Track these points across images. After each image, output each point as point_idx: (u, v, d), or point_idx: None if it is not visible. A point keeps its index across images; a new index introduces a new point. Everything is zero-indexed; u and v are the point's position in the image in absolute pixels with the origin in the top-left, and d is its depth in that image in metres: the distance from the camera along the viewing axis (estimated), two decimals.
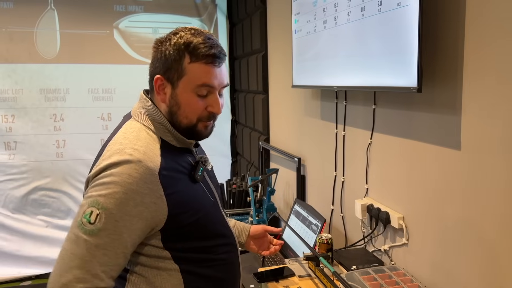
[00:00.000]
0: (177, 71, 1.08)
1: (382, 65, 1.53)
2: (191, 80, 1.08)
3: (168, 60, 1.09)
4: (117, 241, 0.98)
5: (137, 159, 1.00)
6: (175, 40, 1.09)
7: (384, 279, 1.48)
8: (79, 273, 0.94)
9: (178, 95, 1.10)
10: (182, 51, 1.08)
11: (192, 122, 1.12)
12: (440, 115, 1.37)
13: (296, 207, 2.26)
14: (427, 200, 1.47)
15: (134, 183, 0.98)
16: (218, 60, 1.10)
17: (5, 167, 3.75)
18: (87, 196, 1.00)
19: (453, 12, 1.28)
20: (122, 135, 1.08)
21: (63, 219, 3.90)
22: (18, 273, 3.69)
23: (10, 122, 3.75)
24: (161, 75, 1.11)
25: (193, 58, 1.08)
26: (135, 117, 1.15)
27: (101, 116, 3.94)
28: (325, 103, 2.26)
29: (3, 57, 3.69)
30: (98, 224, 0.95)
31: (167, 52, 1.09)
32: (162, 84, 1.11)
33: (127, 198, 0.98)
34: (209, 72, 1.09)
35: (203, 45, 1.08)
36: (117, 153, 1.02)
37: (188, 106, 1.10)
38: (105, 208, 0.96)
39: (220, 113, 1.15)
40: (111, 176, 0.98)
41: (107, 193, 0.97)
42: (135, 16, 3.93)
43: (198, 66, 1.08)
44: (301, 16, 2.26)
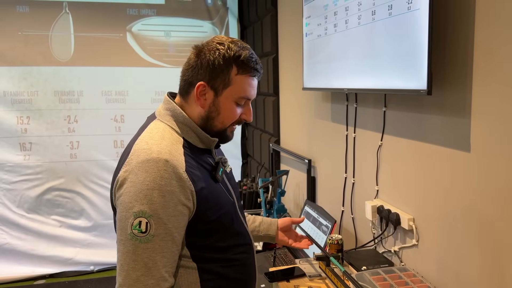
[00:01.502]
0: (223, 80, 1.13)
1: (392, 68, 1.54)
2: (236, 91, 1.14)
3: (215, 69, 1.12)
4: (170, 242, 1.03)
5: (164, 159, 1.04)
6: (223, 51, 1.12)
7: (394, 280, 1.49)
8: (146, 279, 1.00)
9: (220, 102, 1.15)
10: (231, 63, 1.12)
11: (225, 127, 1.19)
12: (450, 117, 1.39)
13: (306, 208, 2.28)
14: (437, 201, 1.48)
15: (167, 184, 1.02)
16: (260, 74, 1.18)
17: (20, 168, 3.83)
18: (125, 206, 1.03)
19: (462, 16, 1.30)
20: (147, 135, 1.12)
21: (76, 219, 3.96)
22: (32, 272, 3.76)
23: (25, 124, 3.83)
24: (205, 82, 1.13)
25: (241, 71, 1.13)
26: (159, 117, 1.18)
27: (114, 118, 4.00)
28: (335, 105, 2.28)
29: (19, 60, 3.77)
30: (151, 231, 1.01)
31: (216, 62, 1.12)
32: (204, 90, 1.14)
33: (166, 200, 1.02)
34: (251, 85, 1.17)
35: (250, 59, 1.14)
36: (144, 152, 1.06)
37: (228, 114, 1.16)
38: (151, 215, 1.00)
39: (251, 121, 1.24)
40: (144, 183, 1.02)
41: (148, 201, 1.01)
42: (148, 20, 3.99)
43: (244, 79, 1.14)
44: (312, 19, 2.29)
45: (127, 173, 1.05)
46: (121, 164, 1.10)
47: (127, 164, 1.06)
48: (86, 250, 3.91)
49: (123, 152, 1.15)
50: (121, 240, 1.04)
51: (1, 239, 3.76)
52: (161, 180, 1.01)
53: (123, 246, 1.03)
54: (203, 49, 1.15)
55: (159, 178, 1.01)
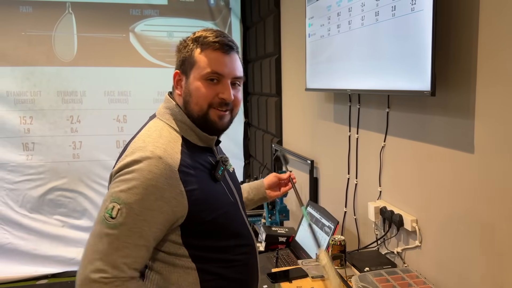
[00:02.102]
0: (189, 62, 1.14)
1: (396, 68, 1.54)
2: (201, 68, 1.13)
3: (182, 55, 1.16)
4: (137, 234, 1.01)
5: (157, 155, 1.04)
6: (191, 37, 1.18)
7: (397, 281, 1.49)
8: (100, 264, 0.98)
9: (189, 84, 1.14)
10: (194, 44, 1.15)
11: (203, 109, 1.14)
12: (453, 118, 1.39)
13: (309, 209, 2.28)
14: (440, 203, 1.48)
15: (154, 178, 1.02)
16: (227, 47, 1.14)
17: (23, 168, 3.83)
18: (109, 192, 1.04)
19: (466, 17, 1.30)
20: (145, 133, 1.13)
21: (79, 219, 3.97)
22: (35, 271, 3.76)
23: (28, 124, 3.84)
24: (178, 70, 1.18)
25: (203, 48, 1.13)
26: (159, 116, 1.19)
27: (117, 118, 4.01)
28: (338, 106, 2.28)
29: (22, 60, 3.78)
30: (119, 219, 1.00)
31: (181, 47, 1.17)
32: (180, 79, 1.17)
33: (147, 193, 1.01)
34: (217, 59, 1.13)
35: (211, 36, 1.14)
36: (139, 150, 1.06)
37: (198, 92, 1.13)
38: (125, 203, 1.00)
39: (231, 100, 1.15)
40: (132, 172, 1.02)
41: (128, 188, 1.01)
42: (151, 20, 3.99)
43: (206, 54, 1.13)
44: (315, 20, 2.29)
45: (121, 168, 1.06)
46: (118, 158, 1.11)
47: (122, 159, 1.07)
48: None
49: (121, 151, 1.15)
50: (95, 222, 1.05)
51: (4, 239, 3.77)
52: (149, 174, 1.01)
53: (94, 227, 1.04)
54: (181, 42, 1.20)
55: (147, 172, 1.02)
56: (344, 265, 1.73)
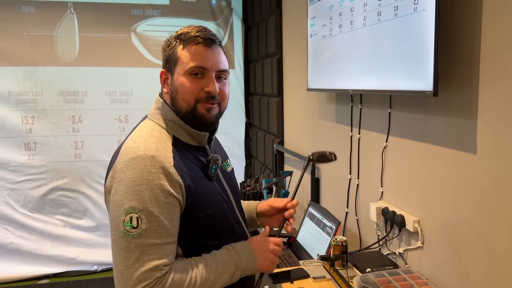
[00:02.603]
0: (173, 60, 1.15)
1: (398, 69, 1.54)
2: (184, 63, 1.13)
3: (166, 53, 1.17)
4: (164, 233, 1.03)
5: (150, 155, 1.04)
6: (172, 36, 1.19)
7: (398, 282, 1.48)
8: (140, 275, 1.00)
9: (174, 81, 1.15)
10: (176, 41, 1.16)
11: (190, 105, 1.13)
12: (456, 119, 1.38)
13: (310, 209, 2.28)
14: (442, 203, 1.48)
15: (155, 177, 1.03)
16: (208, 40, 1.14)
17: (25, 168, 3.84)
18: (116, 205, 1.03)
19: (469, 17, 1.29)
20: (136, 133, 1.14)
21: (80, 219, 3.97)
22: (36, 271, 3.76)
23: (30, 124, 3.84)
24: (163, 69, 1.19)
25: (184, 44, 1.14)
26: (150, 117, 1.20)
27: (119, 118, 4.01)
28: (340, 106, 2.28)
29: (24, 60, 3.78)
30: (142, 225, 1.01)
31: (166, 46, 1.18)
32: (166, 78, 1.18)
33: (155, 193, 1.02)
34: (199, 53, 1.13)
35: (193, 31, 1.14)
36: (131, 151, 1.07)
37: (183, 88, 1.13)
38: (141, 209, 1.01)
39: (216, 92, 1.14)
40: (131, 176, 1.03)
41: (136, 196, 1.01)
42: (152, 20, 3.99)
43: (188, 49, 1.13)
44: (317, 20, 2.28)
45: (116, 173, 1.06)
46: (112, 165, 1.11)
47: (116, 164, 1.08)
48: (90, 250, 3.91)
49: (114, 153, 1.16)
50: (113, 240, 1.04)
51: (5, 239, 3.78)
52: (149, 175, 1.02)
53: (116, 245, 1.03)
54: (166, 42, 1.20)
55: (146, 173, 1.02)
56: (345, 266, 1.72)
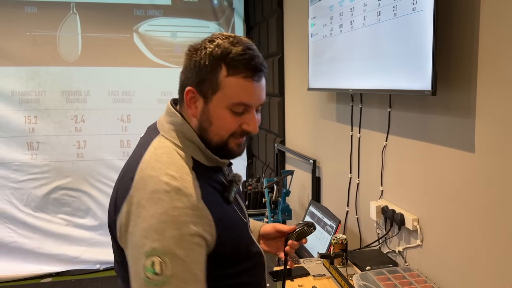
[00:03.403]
0: (211, 84, 0.95)
1: (397, 68, 1.55)
2: (227, 97, 0.95)
3: (202, 71, 0.96)
4: (192, 279, 0.88)
5: (175, 187, 0.89)
6: (211, 49, 0.96)
7: (398, 280, 1.49)
8: None
9: (210, 110, 0.97)
10: (219, 62, 0.95)
11: (223, 139, 0.99)
12: (454, 118, 1.39)
13: (311, 208, 2.29)
14: (441, 202, 1.49)
15: (181, 214, 0.88)
16: (259, 74, 0.97)
17: (28, 167, 3.86)
18: (135, 246, 0.88)
19: (467, 16, 1.30)
20: (153, 157, 0.95)
21: (82, 218, 3.99)
22: (39, 270, 3.79)
23: (33, 123, 3.86)
24: (193, 87, 0.98)
25: (231, 71, 0.94)
26: (163, 133, 1.01)
27: (121, 117, 4.03)
28: (340, 105, 2.29)
29: (27, 60, 3.80)
30: (167, 271, 0.85)
31: (201, 61, 0.96)
32: (194, 97, 0.98)
33: (181, 233, 0.87)
34: (247, 89, 0.96)
35: (242, 57, 0.95)
36: (151, 180, 0.90)
37: (220, 123, 0.97)
38: (165, 252, 0.86)
39: (256, 132, 1.01)
40: (154, 216, 0.87)
41: (159, 236, 0.86)
42: (154, 20, 4.01)
43: (236, 81, 0.95)
44: (318, 20, 2.30)
45: (133, 207, 0.90)
46: (124, 194, 0.93)
47: (132, 195, 0.91)
48: (92, 249, 3.93)
49: (123, 172, 0.99)
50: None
51: (9, 238, 3.80)
52: (174, 211, 0.87)
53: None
54: (195, 49, 0.99)
55: (171, 209, 0.87)
56: (345, 264, 1.74)
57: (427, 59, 1.35)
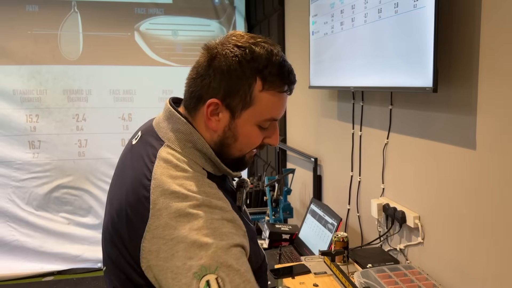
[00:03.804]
0: (243, 99, 0.86)
1: (398, 65, 1.55)
2: (259, 113, 0.88)
3: (230, 83, 0.85)
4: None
5: (204, 201, 0.82)
6: (241, 57, 0.85)
7: (399, 277, 1.49)
8: None
9: (238, 127, 0.89)
10: (253, 75, 0.85)
11: (243, 154, 0.93)
12: (455, 115, 1.39)
13: (312, 206, 2.29)
14: (442, 199, 1.49)
15: (221, 226, 0.81)
16: (292, 87, 0.91)
17: (29, 166, 3.86)
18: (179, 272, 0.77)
19: (468, 13, 1.30)
20: (166, 171, 0.85)
21: (84, 217, 4.00)
22: (41, 268, 3.79)
23: (34, 122, 3.86)
24: (218, 100, 0.87)
25: (266, 86, 0.86)
26: (169, 143, 0.89)
27: (122, 116, 4.03)
28: (341, 103, 2.28)
29: (28, 58, 3.81)
30: (227, 286, 0.76)
31: (229, 71, 0.85)
32: (217, 109, 0.88)
33: (228, 243, 0.80)
34: (278, 104, 0.89)
35: (280, 70, 0.87)
36: (174, 197, 0.81)
37: (247, 140, 0.91)
38: (218, 266, 0.77)
39: (277, 145, 0.98)
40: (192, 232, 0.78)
41: (206, 252, 0.77)
42: (156, 19, 4.01)
43: (270, 97, 0.87)
44: (319, 17, 2.29)
45: (159, 230, 0.79)
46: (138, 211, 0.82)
47: (153, 217, 0.80)
48: (94, 248, 3.93)
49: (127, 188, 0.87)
50: None
51: (11, 236, 3.80)
52: (213, 223, 0.80)
53: None
54: (217, 53, 0.87)
55: (210, 222, 0.80)
56: (347, 262, 1.73)
57: (428, 56, 1.34)
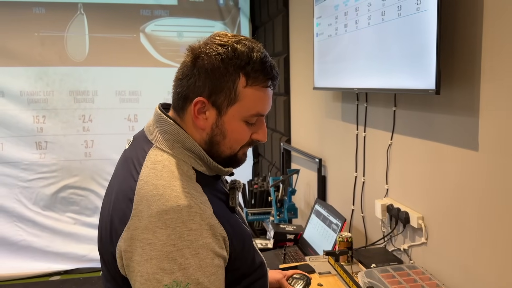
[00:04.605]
0: (228, 95, 0.88)
1: (402, 67, 1.56)
2: (244, 108, 0.90)
3: (215, 80, 0.87)
4: None
5: (186, 205, 0.81)
6: (224, 55, 0.87)
7: (402, 277, 1.51)
8: None
9: (225, 123, 0.91)
10: (237, 71, 0.87)
11: (235, 151, 0.95)
12: (458, 116, 1.40)
13: (317, 207, 2.31)
14: (446, 200, 1.50)
15: (198, 237, 0.80)
16: (275, 82, 0.93)
17: (36, 166, 3.90)
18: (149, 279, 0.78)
19: (470, 16, 1.31)
20: (152, 172, 0.86)
21: (90, 217, 4.03)
22: (47, 268, 3.83)
23: (41, 123, 3.90)
24: (204, 98, 0.89)
25: (250, 81, 0.89)
26: (158, 144, 0.91)
27: (128, 117, 4.06)
28: (346, 104, 2.30)
29: (35, 60, 3.85)
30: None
31: (213, 69, 0.87)
32: (204, 108, 0.90)
33: (201, 258, 0.80)
34: (263, 98, 0.91)
35: (262, 66, 0.89)
36: (155, 199, 0.81)
37: (235, 136, 0.92)
38: (188, 283, 0.78)
39: (266, 140, 1.00)
40: (168, 243, 0.79)
41: (179, 266, 0.78)
42: (161, 20, 4.04)
43: (254, 91, 0.89)
44: (323, 19, 2.31)
45: (138, 232, 0.80)
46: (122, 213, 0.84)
47: (135, 218, 0.81)
48: None
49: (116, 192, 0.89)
50: None
51: (18, 236, 3.85)
52: (190, 234, 0.79)
53: None
54: (200, 52, 0.89)
55: (186, 233, 0.79)
56: (351, 262, 1.75)
57: (431, 58, 1.36)
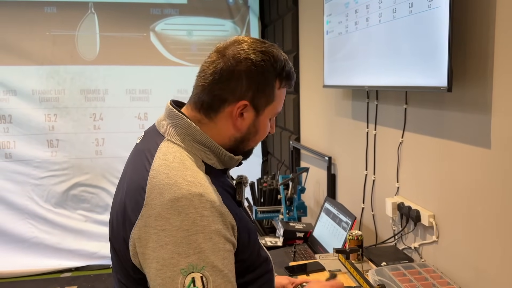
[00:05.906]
0: (268, 97, 0.97)
1: (413, 65, 1.55)
2: (275, 108, 1.00)
3: (260, 85, 0.95)
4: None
5: (197, 193, 0.85)
6: (270, 60, 0.95)
7: (413, 275, 1.50)
8: None
9: (260, 122, 0.99)
10: (274, 76, 0.97)
11: (256, 145, 1.06)
12: (470, 114, 1.39)
13: (326, 205, 2.30)
14: (457, 198, 1.49)
15: (211, 222, 0.85)
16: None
17: (48, 164, 3.95)
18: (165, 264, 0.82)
19: (483, 12, 1.30)
20: (163, 163, 0.90)
21: (101, 214, 4.07)
22: (59, 265, 3.87)
23: (52, 121, 3.94)
24: (248, 101, 0.95)
25: (282, 84, 0.99)
26: (169, 137, 0.96)
27: (138, 115, 4.09)
28: (356, 102, 2.29)
29: (47, 59, 3.88)
30: (209, 286, 0.82)
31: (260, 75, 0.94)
32: (244, 110, 0.96)
33: (214, 242, 0.84)
34: (284, 98, 1.03)
35: (291, 70, 1.00)
36: (167, 188, 0.85)
37: (263, 132, 1.02)
38: (204, 266, 0.83)
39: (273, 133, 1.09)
40: (182, 228, 0.83)
41: (194, 249, 0.82)
42: (171, 19, 4.05)
43: (282, 92, 1.00)
44: (333, 17, 2.30)
45: (151, 219, 0.84)
46: (135, 202, 0.88)
47: (148, 206, 0.85)
48: None
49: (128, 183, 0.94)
50: None
51: (30, 233, 3.89)
52: (202, 220, 0.84)
53: None
54: (241, 58, 0.94)
55: (199, 218, 0.83)
56: (361, 260, 1.75)
57: (443, 55, 1.35)
